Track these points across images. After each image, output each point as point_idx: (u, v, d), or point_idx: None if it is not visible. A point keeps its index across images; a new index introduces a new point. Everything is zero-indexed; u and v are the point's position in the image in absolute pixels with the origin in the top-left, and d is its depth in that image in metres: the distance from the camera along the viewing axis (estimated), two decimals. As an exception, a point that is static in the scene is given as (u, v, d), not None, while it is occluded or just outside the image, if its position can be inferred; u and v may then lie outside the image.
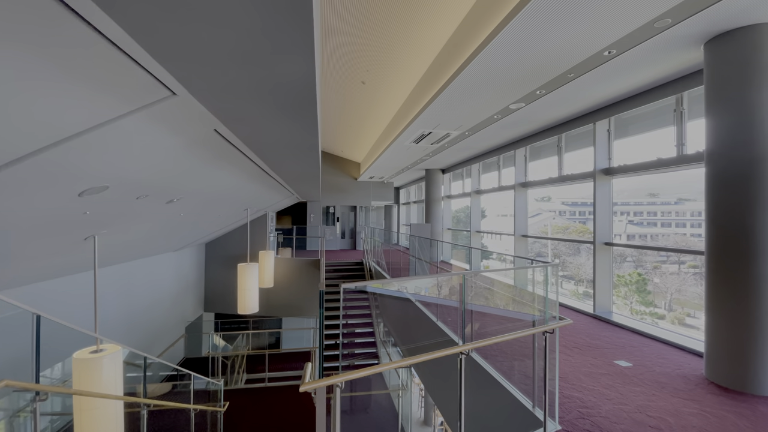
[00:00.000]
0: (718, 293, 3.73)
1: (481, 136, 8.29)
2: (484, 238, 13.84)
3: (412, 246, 9.56)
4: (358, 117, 10.25)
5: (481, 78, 4.92)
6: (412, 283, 8.28)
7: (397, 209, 21.60)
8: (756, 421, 2.96)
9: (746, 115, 3.58)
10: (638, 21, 3.51)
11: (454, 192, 13.72)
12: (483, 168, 11.32)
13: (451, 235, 14.30)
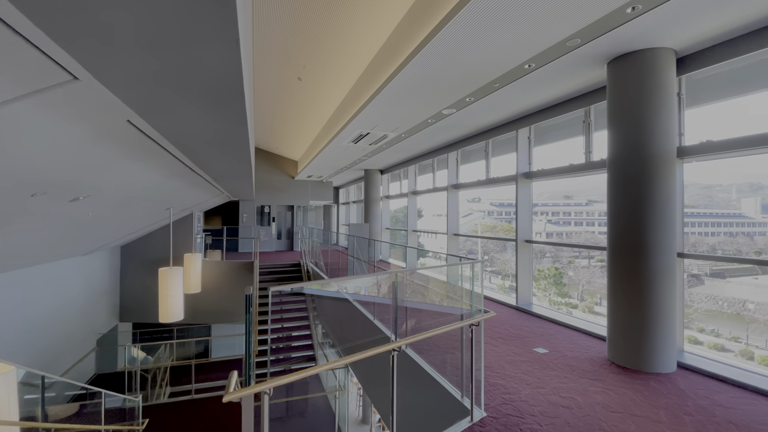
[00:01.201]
0: (617, 284, 4.26)
1: (417, 138, 8.55)
2: (420, 237, 14.25)
3: (351, 246, 9.55)
4: (295, 114, 9.97)
5: (416, 82, 5.08)
6: (350, 282, 8.27)
7: (336, 209, 21.44)
8: (648, 395, 3.43)
9: (640, 128, 4.13)
10: (553, 39, 3.88)
11: (392, 192, 13.98)
12: (419, 170, 11.68)
13: (390, 234, 14.55)
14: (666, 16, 3.43)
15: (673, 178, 4.08)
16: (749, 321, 14.72)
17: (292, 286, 6.93)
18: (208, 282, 9.46)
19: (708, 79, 4.21)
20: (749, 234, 18.06)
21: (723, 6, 3.27)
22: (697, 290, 16.02)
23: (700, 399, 3.34)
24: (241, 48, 1.68)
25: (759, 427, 2.89)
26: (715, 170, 11.86)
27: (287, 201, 16.55)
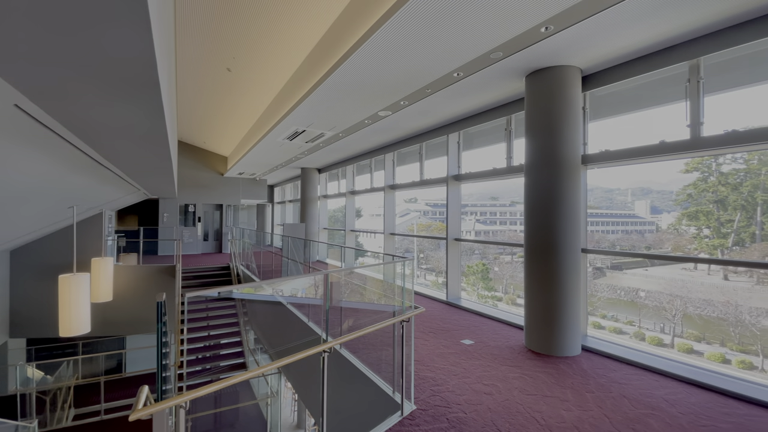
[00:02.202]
0: (532, 277, 4.69)
1: (355, 138, 8.57)
2: (360, 236, 14.28)
3: (286, 247, 9.27)
4: (224, 107, 9.41)
5: (351, 83, 5.09)
6: (285, 285, 8.02)
7: (271, 208, 20.65)
8: (558, 377, 3.82)
9: (552, 137, 4.58)
10: (478, 51, 4.15)
11: (330, 192, 13.84)
12: (357, 170, 11.72)
13: (328, 234, 14.39)
14: (572, 38, 3.86)
15: (579, 182, 4.60)
16: (641, 307, 17.00)
17: (219, 290, 6.51)
18: (121, 289, 8.52)
19: (607, 96, 4.81)
20: (641, 232, 20.92)
21: (618, 33, 3.76)
22: (600, 281, 18.11)
23: (599, 378, 3.81)
24: (155, 31, 1.55)
25: (645, 399, 3.38)
26: (615, 176, 13.18)
27: (216, 199, 15.57)
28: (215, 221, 16.17)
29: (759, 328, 14.35)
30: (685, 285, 17.45)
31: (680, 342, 15.78)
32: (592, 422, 2.97)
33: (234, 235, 12.83)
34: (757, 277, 15.60)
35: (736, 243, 17.64)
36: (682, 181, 20.57)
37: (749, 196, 17.20)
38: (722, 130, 3.74)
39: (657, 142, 4.21)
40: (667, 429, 2.88)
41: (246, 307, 9.20)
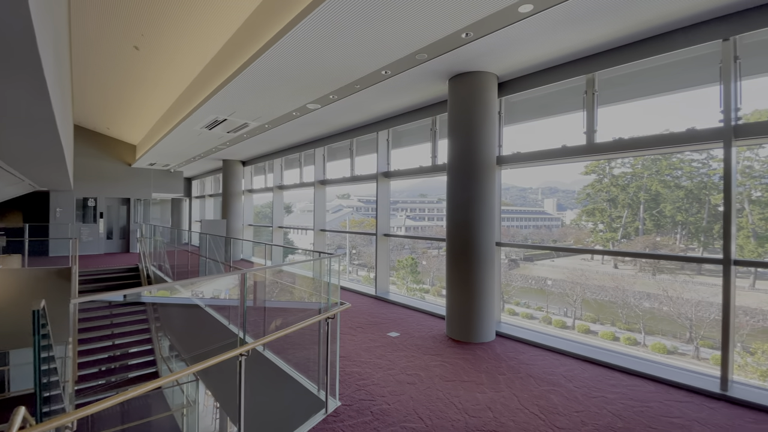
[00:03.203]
0: (453, 269, 4.95)
1: (282, 130, 8.24)
2: (290, 233, 13.77)
3: (204, 245, 8.61)
4: (133, 90, 8.41)
5: (276, 73, 4.87)
6: (206, 286, 7.46)
7: (188, 203, 19.04)
8: (474, 363, 4.09)
9: (471, 139, 4.86)
10: (404, 51, 4.23)
11: (256, 186, 13.16)
12: (286, 164, 11.30)
13: (253, 231, 13.69)
14: (490, 46, 4.12)
15: (494, 181, 4.95)
16: (548, 294, 18.88)
17: (125, 293, 5.87)
18: (1, 297, 7.21)
19: (520, 103, 5.23)
20: (549, 227, 23.29)
21: (527, 45, 4.10)
22: (515, 272, 19.82)
23: (510, 360, 4.16)
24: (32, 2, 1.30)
25: (548, 377, 3.76)
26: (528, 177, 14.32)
27: (122, 193, 13.91)
28: (121, 217, 14.43)
29: (641, 309, 16.88)
30: (583, 273, 19.89)
31: (580, 324, 17.95)
32: (503, 402, 3.23)
33: (144, 232, 11.58)
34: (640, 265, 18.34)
35: (624, 236, 20.52)
36: (582, 182, 23.03)
37: (634, 196, 20.08)
38: (611, 138, 4.30)
39: (560, 146, 4.70)
40: (565, 402, 3.24)
41: (158, 311, 8.38)
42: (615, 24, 3.64)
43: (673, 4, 3.28)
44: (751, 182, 16.77)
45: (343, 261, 26.86)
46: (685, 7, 3.31)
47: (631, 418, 2.98)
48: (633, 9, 3.36)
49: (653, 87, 4.06)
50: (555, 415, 3.03)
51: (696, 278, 15.55)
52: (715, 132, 3.50)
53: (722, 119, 3.46)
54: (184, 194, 17.71)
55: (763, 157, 16.85)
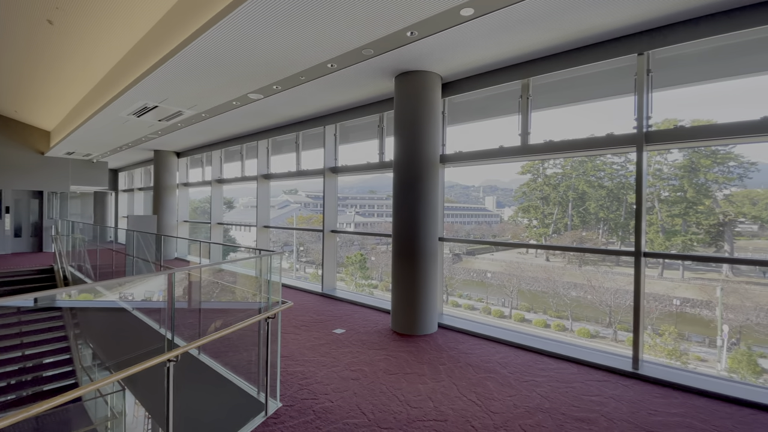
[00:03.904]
0: (398, 264, 5.02)
1: (221, 120, 7.78)
2: (232, 230, 13.08)
3: (131, 243, 7.89)
4: (46, 70, 7.42)
5: (214, 58, 4.57)
6: (137, 288, 6.84)
7: (114, 197, 17.36)
8: (417, 355, 4.19)
9: (416, 137, 4.95)
10: (350, 45, 4.18)
11: (192, 179, 12.32)
12: (226, 156, 10.70)
13: (189, 228, 12.82)
14: (434, 47, 4.21)
15: (437, 179, 5.10)
16: (488, 286, 19.98)
17: (36, 295, 5.23)
18: None
19: (462, 104, 5.42)
20: (489, 222, 24.64)
21: (467, 49, 4.25)
22: (458, 266, 20.76)
23: (450, 351, 4.32)
24: None
25: (485, 364, 3.96)
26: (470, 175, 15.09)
27: (33, 185, 12.32)
28: (33, 212, 12.74)
29: (569, 298, 18.43)
30: (519, 266, 21.29)
31: (516, 313, 19.20)
32: (443, 391, 3.35)
33: (60, 229, 10.34)
34: (568, 258, 19.97)
35: (554, 231, 22.26)
36: (519, 181, 24.54)
37: (564, 195, 21.85)
38: (543, 140, 4.61)
39: (497, 147, 4.94)
40: (499, 388, 3.44)
41: (78, 317, 7.54)
42: (546, 34, 3.90)
43: (595, 19, 3.57)
44: (660, 183, 19.01)
45: (289, 258, 26.19)
46: (606, 22, 3.63)
47: (557, 399, 3.24)
48: (561, 21, 3.62)
49: (581, 94, 4.42)
50: (490, 400, 3.20)
51: (615, 269, 17.36)
52: (630, 137, 3.89)
53: (636, 126, 3.86)
54: (110, 187, 16.11)
55: (671, 162, 19.15)
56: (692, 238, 17.36)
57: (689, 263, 16.90)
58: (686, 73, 3.77)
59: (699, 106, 25.86)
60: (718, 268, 16.21)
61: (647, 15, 3.49)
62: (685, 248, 17.32)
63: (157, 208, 11.67)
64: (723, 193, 17.72)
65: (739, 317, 14.06)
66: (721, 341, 13.69)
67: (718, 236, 17.34)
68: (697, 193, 17.44)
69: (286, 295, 6.91)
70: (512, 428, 2.80)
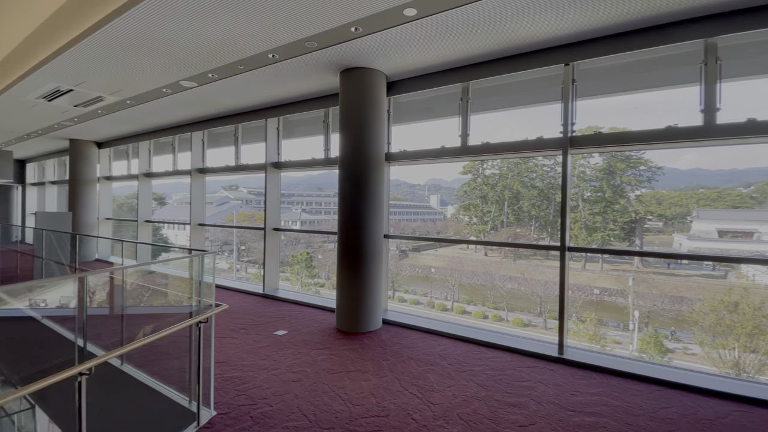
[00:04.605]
0: (343, 262, 4.98)
1: (150, 109, 7.14)
2: (164, 228, 12.13)
3: (41, 244, 6.97)
4: None
5: (140, 39, 4.17)
6: (47, 294, 6.04)
7: (20, 191, 15.23)
8: (361, 352, 4.19)
9: (362, 134, 4.93)
10: (292, 36, 4.04)
11: (116, 173, 11.19)
12: (156, 148, 9.85)
13: (113, 226, 11.65)
14: (378, 45, 4.21)
15: (383, 176, 5.13)
16: (432, 281, 20.65)
17: None
18: None
19: (407, 103, 5.49)
20: (433, 220, 25.49)
21: (409, 50, 4.31)
22: (405, 262, 21.20)
23: (393, 345, 4.38)
24: None
25: (426, 357, 4.07)
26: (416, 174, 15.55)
27: None
28: None
29: (505, 290, 19.57)
30: (460, 261, 22.22)
31: (457, 306, 20.01)
32: (385, 386, 3.38)
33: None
34: (504, 253, 21.22)
35: (492, 228, 23.59)
36: (461, 181, 25.62)
37: (501, 194, 23.22)
38: (480, 142, 4.83)
39: (439, 147, 5.09)
40: (439, 379, 3.55)
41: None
42: (484, 40, 4.08)
43: (527, 29, 3.81)
44: (584, 184, 20.93)
45: (229, 258, 24.87)
46: (536, 33, 3.89)
47: (492, 386, 3.43)
48: (496, 29, 3.80)
49: (516, 100, 4.69)
50: (431, 392, 3.30)
51: (545, 262, 18.83)
52: (557, 141, 4.21)
53: (562, 131, 4.18)
54: (15, 180, 14.09)
55: (593, 165, 21.13)
56: (610, 234, 19.47)
57: (607, 256, 18.94)
58: (605, 84, 4.16)
59: (620, 115, 28.73)
60: (630, 260, 18.30)
61: (571, 29, 3.79)
62: (604, 243, 19.38)
63: (73, 204, 10.43)
64: (635, 193, 20.08)
65: (647, 303, 15.98)
66: (633, 325, 15.46)
67: (630, 232, 19.63)
68: (614, 194, 19.58)
69: (224, 298, 6.55)
70: (450, 418, 2.91)
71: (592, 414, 2.99)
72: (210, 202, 28.25)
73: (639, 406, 3.12)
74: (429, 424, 2.82)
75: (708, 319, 12.94)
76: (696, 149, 29.97)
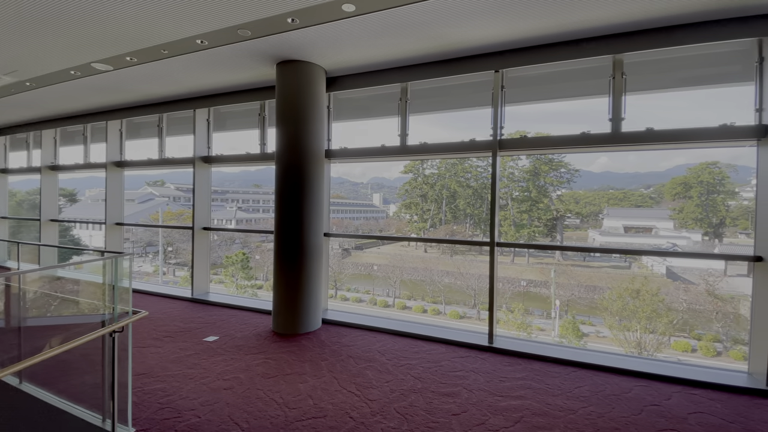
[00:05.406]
0: (280, 262, 4.82)
1: (56, 93, 6.30)
2: (75, 228, 10.84)
3: None
4: None
5: (42, 12, 3.63)
6: None
7: None
8: (299, 354, 4.08)
9: (301, 130, 4.79)
10: (223, 23, 3.80)
11: (13, 165, 9.68)
12: (63, 137, 8.69)
13: (9, 226, 10.09)
14: (316, 39, 4.12)
15: (323, 174, 5.04)
16: (375, 278, 20.81)
17: None
18: None
19: (348, 101, 5.45)
20: (376, 218, 25.72)
21: (354, 45, 4.28)
22: (347, 260, 21.16)
23: (333, 345, 4.34)
24: None
25: (365, 354, 4.08)
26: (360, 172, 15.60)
27: None
28: None
29: (443, 284, 20.33)
30: (402, 258, 22.68)
31: (398, 301, 20.40)
32: (323, 387, 3.34)
33: None
34: (442, 249, 22.06)
35: (431, 225, 24.43)
36: (402, 180, 26.19)
37: (439, 193, 24.14)
38: (418, 142, 4.95)
39: (380, 146, 5.14)
40: (378, 375, 3.59)
41: None
42: (421, 43, 4.18)
43: (459, 34, 3.98)
44: (513, 185, 22.52)
45: (154, 261, 22.78)
46: (468, 39, 4.07)
47: (428, 378, 3.54)
48: (432, 32, 3.92)
49: (451, 102, 4.89)
50: (369, 389, 3.32)
51: (479, 257, 19.94)
52: (487, 144, 4.47)
53: (492, 134, 4.44)
54: None
55: (521, 167, 22.79)
56: (535, 230, 21.30)
57: (532, 251, 20.69)
58: (531, 92, 4.50)
59: (546, 121, 31.29)
60: (552, 254, 20.12)
61: (501, 38, 4.04)
62: (530, 238, 21.14)
63: (-48, 199, 8.83)
64: (556, 193, 22.16)
65: (566, 293, 17.68)
66: (555, 313, 17.00)
67: (552, 228, 21.63)
68: (539, 193, 21.46)
69: (147, 304, 6.00)
70: (388, 412, 2.95)
71: (517, 397, 3.22)
72: (131, 199, 25.59)
73: (557, 386, 3.43)
74: (366, 420, 2.84)
75: (615, 305, 14.67)
76: (606, 154, 33.65)
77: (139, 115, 7.01)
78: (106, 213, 7.39)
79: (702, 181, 20.21)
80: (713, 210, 20.07)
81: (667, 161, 46.33)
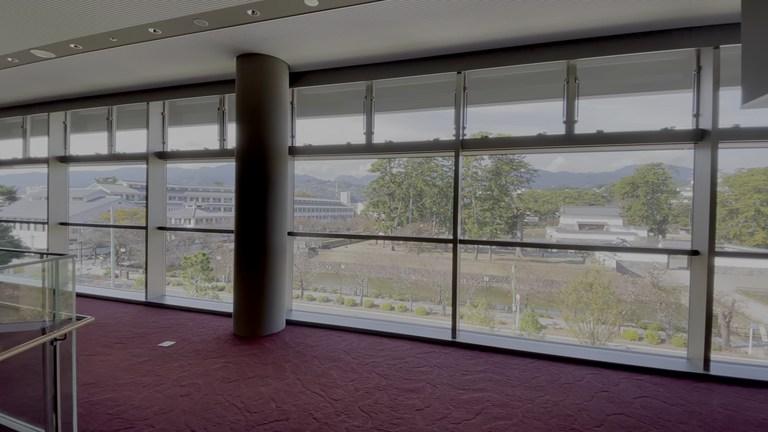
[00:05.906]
0: (242, 262, 4.67)
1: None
2: (14, 229, 10.07)
3: None
4: None
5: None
6: None
7: None
8: (261, 356, 3.97)
9: (262, 126, 4.65)
10: (178, 11, 3.62)
11: (-64, 159, 8.70)
12: (0, 130, 7.93)
13: (-68, 226, 9.09)
14: (278, 32, 4.02)
15: (286, 171, 4.94)
16: (342, 277, 20.69)
17: None
18: None
19: (313, 97, 5.36)
20: (344, 217, 25.62)
21: (318, 40, 4.22)
22: (314, 260, 20.90)
23: (297, 346, 4.27)
24: None
25: (330, 354, 4.05)
26: (326, 170, 15.36)
27: None
28: None
29: (410, 282, 20.54)
30: (369, 256, 22.70)
31: (366, 300, 20.41)
32: (286, 389, 3.27)
33: None
34: (409, 247, 22.33)
35: (399, 224, 24.65)
36: (370, 178, 26.22)
37: (406, 191, 24.37)
38: (383, 140, 4.97)
39: (345, 144, 5.10)
40: (343, 374, 3.57)
41: None
42: (385, 41, 4.19)
43: (422, 35, 4.03)
44: (476, 184, 23.15)
45: (105, 263, 21.35)
46: (431, 40, 4.13)
47: (393, 375, 3.57)
48: (395, 30, 3.94)
49: (417, 102, 4.93)
50: (334, 388, 3.30)
51: (444, 254, 20.35)
52: (450, 144, 4.56)
53: (455, 134, 4.54)
54: None
55: (483, 167, 23.44)
56: (497, 227, 22.10)
57: (494, 247, 21.46)
58: (491, 94, 4.63)
59: (508, 122, 32.34)
60: (513, 250, 20.93)
61: (462, 39, 4.13)
62: (492, 236, 21.91)
63: None
64: (517, 192, 23.09)
65: (526, 287, 18.44)
66: (515, 307, 17.68)
67: (513, 226, 22.51)
68: (501, 192, 22.28)
69: (96, 309, 5.62)
70: (353, 411, 2.94)
71: (479, 390, 3.32)
72: (79, 197, 23.80)
73: (516, 378, 3.57)
74: (330, 420, 2.82)
75: (571, 298, 15.49)
76: (562, 154, 35.38)
77: (86, 107, 6.53)
78: (49, 212, 6.84)
79: (648, 181, 21.80)
80: (657, 208, 21.71)
81: (617, 162, 49.57)
